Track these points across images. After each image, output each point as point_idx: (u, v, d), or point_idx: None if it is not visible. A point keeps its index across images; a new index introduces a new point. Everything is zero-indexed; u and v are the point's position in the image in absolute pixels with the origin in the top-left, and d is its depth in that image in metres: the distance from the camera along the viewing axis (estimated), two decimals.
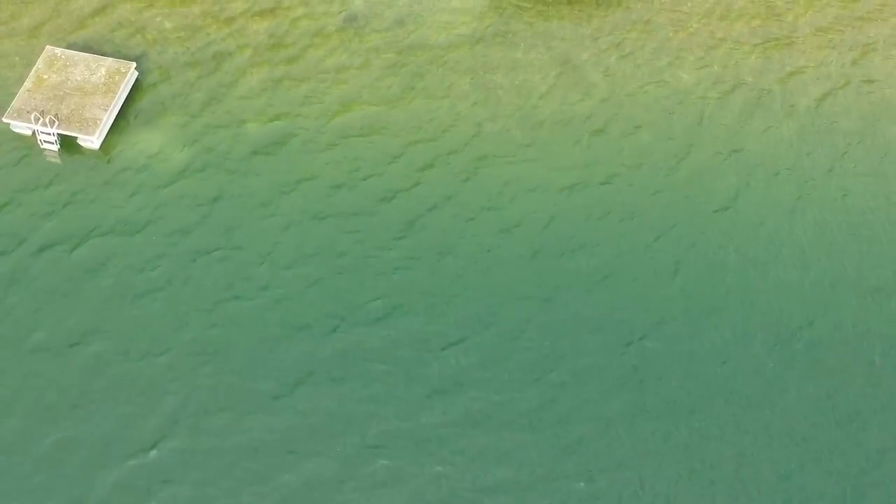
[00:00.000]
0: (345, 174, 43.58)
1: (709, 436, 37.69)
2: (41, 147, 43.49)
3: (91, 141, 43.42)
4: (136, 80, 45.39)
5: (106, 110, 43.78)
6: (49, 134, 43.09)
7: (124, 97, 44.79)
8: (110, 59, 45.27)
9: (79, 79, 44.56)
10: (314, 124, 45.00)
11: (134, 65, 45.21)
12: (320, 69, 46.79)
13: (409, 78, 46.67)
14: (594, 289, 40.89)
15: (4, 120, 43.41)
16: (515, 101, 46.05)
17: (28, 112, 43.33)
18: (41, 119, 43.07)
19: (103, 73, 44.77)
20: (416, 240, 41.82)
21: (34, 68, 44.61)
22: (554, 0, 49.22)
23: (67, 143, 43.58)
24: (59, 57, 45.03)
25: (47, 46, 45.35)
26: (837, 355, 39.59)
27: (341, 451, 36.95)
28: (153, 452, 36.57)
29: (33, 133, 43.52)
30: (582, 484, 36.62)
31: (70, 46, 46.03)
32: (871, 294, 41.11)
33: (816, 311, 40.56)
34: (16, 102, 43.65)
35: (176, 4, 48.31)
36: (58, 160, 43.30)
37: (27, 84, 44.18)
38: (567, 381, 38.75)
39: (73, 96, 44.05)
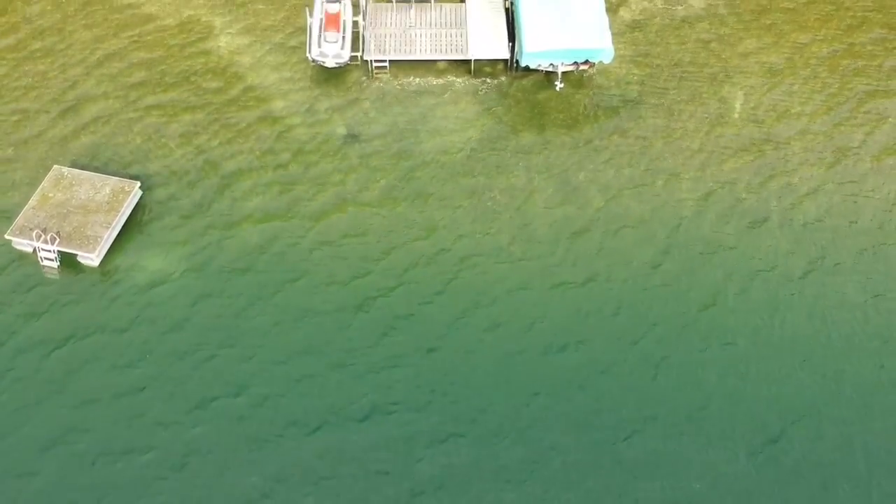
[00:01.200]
0: (334, 273, 43.68)
1: None
2: (41, 264, 43.69)
3: (91, 258, 43.52)
4: (141, 196, 45.85)
5: (108, 228, 44.04)
6: (49, 251, 43.34)
7: (127, 215, 45.16)
8: (115, 178, 45.87)
9: (83, 197, 45.07)
10: (305, 225, 45.35)
11: (138, 184, 45.73)
12: (314, 174, 47.45)
13: (399, 182, 47.22)
14: (579, 386, 40.30)
15: (7, 237, 43.86)
16: (503, 205, 46.33)
17: (30, 229, 43.79)
18: (42, 236, 43.41)
19: (108, 191, 45.26)
20: (403, 337, 41.58)
21: (40, 186, 45.35)
22: (547, 114, 50.00)
23: (68, 261, 43.80)
24: (66, 176, 45.76)
25: (55, 166, 46.19)
26: (821, 461, 38.38)
27: None
28: None
29: (34, 250, 43.82)
30: None
31: (75, 163, 46.91)
32: (852, 397, 40.15)
33: (798, 414, 39.60)
34: (19, 220, 44.19)
35: (180, 116, 49.38)
36: (56, 276, 43.36)
37: (32, 202, 44.81)
38: (554, 479, 37.80)
39: (77, 214, 44.45)
